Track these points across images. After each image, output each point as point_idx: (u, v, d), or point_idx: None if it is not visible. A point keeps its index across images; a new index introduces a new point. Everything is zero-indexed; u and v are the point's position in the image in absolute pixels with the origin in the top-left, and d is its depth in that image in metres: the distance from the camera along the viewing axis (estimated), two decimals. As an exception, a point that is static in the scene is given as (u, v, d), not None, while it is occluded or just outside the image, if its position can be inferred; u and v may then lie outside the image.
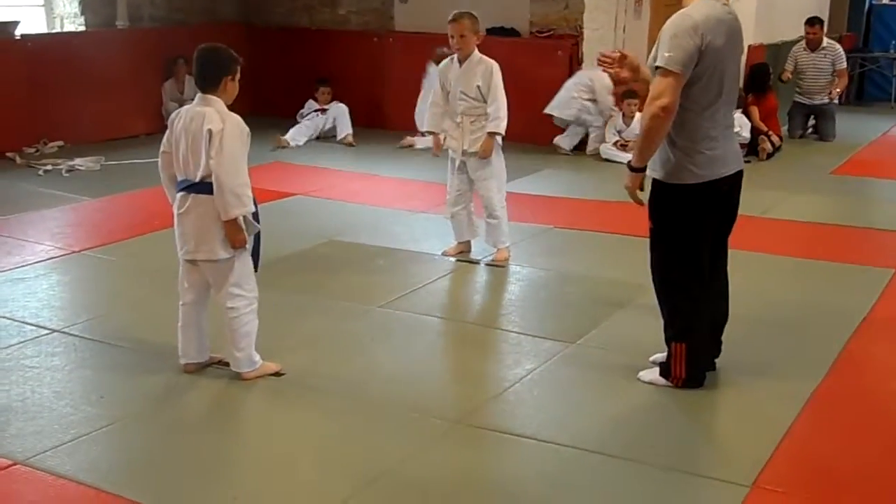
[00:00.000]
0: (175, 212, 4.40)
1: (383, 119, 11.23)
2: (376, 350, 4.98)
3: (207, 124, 4.16)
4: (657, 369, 4.50)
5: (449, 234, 6.56)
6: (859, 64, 14.22)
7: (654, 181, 4.26)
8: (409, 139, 10.30)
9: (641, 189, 4.27)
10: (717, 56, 4.06)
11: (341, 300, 5.62)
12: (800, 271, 6.36)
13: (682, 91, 4.03)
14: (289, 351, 4.82)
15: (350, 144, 10.44)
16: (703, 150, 4.16)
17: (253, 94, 11.91)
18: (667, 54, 3.99)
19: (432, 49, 9.19)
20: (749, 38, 10.36)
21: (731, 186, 4.31)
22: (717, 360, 4.60)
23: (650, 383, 4.48)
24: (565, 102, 9.97)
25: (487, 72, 6.01)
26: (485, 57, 6.07)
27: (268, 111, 11.37)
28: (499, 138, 6.14)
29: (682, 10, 4.11)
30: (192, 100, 4.35)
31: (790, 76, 11.34)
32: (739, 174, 4.33)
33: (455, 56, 6.11)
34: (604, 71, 4.54)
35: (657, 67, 4.04)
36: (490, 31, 10.85)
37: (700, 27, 3.99)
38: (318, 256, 6.50)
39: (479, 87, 6.04)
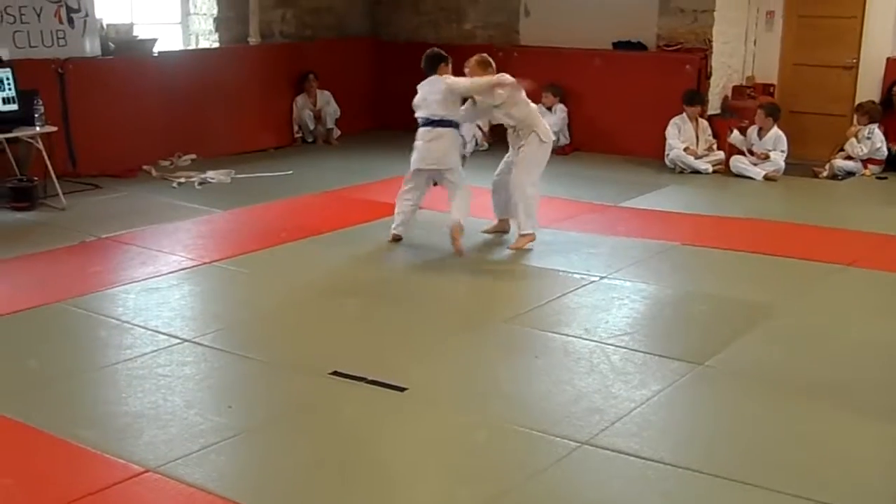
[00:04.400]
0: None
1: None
2: (498, 367, 4.95)
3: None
4: None
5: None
6: None
7: None
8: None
9: None
10: None
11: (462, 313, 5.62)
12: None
13: None
14: (411, 365, 4.85)
15: None
16: None
17: (376, 109, 12.13)
18: None
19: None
20: (888, 50, 10.01)
21: None
22: None
23: None
24: None
25: None
26: None
27: (391, 124, 11.55)
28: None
29: None
30: (324, 111, 4.43)
31: None
32: None
33: None
34: None
35: None
36: (616, 46, 10.79)
37: None
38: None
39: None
